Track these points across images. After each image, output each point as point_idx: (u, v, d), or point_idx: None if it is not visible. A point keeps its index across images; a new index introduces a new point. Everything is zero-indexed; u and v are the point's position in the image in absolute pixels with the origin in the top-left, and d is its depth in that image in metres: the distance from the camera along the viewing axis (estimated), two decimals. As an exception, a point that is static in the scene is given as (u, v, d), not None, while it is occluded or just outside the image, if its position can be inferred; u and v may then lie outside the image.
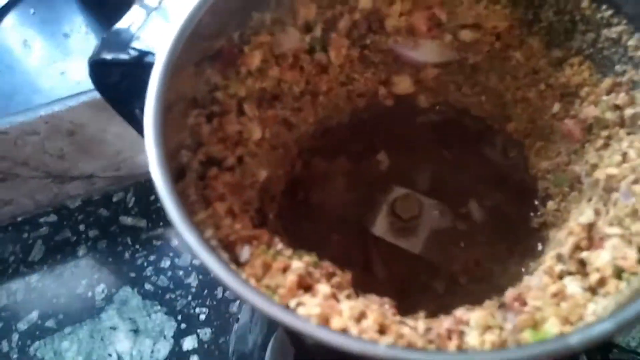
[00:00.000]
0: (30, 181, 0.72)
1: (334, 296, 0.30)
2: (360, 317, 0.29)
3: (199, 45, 0.34)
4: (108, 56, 0.37)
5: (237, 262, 0.30)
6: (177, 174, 0.31)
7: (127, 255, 0.70)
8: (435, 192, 0.43)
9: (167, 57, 0.31)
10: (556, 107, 0.39)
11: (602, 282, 0.30)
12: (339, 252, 0.41)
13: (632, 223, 0.31)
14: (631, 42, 0.34)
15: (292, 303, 0.29)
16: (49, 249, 0.73)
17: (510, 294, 0.33)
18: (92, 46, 0.35)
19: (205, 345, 0.63)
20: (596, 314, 0.28)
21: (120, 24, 0.39)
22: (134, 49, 0.36)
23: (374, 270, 0.42)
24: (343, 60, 0.41)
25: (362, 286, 0.37)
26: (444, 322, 0.30)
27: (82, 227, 0.74)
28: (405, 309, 0.35)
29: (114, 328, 0.66)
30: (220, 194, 0.34)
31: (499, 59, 0.41)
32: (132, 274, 0.69)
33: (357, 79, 0.42)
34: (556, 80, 0.39)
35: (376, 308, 0.30)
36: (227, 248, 0.31)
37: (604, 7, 0.35)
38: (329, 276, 0.33)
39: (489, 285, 0.39)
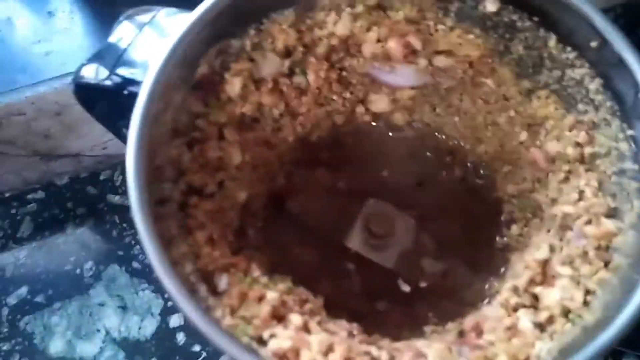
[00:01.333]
0: (17, 158, 0.73)
1: (305, 326, 0.33)
2: (327, 350, 0.31)
3: (180, 76, 0.35)
4: (92, 81, 0.38)
5: (215, 292, 0.32)
6: (158, 209, 0.33)
7: (114, 233, 0.72)
8: (407, 206, 0.45)
9: (148, 94, 0.32)
10: (523, 134, 0.41)
11: (550, 320, 0.33)
12: (315, 263, 0.44)
13: (582, 265, 0.33)
14: (592, 86, 0.36)
15: (266, 334, 0.31)
16: (37, 226, 0.74)
17: (469, 322, 0.35)
18: (77, 26, 0.35)
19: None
20: (540, 358, 0.30)
21: (110, 39, 0.39)
22: (118, 75, 0.37)
23: (349, 281, 0.44)
24: (322, 82, 0.42)
25: (336, 297, 0.40)
26: (405, 355, 0.32)
27: (70, 205, 0.75)
28: (375, 323, 0.38)
29: (102, 304, 0.67)
30: (200, 223, 0.36)
31: (472, 84, 0.42)
32: (120, 252, 0.71)
33: (335, 100, 0.43)
34: (525, 110, 0.40)
35: (344, 338, 0.33)
36: (206, 278, 0.33)
37: (569, 48, 0.37)
38: (302, 303, 0.35)
39: (454, 299, 0.42)
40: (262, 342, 0.31)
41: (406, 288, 0.43)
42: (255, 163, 0.41)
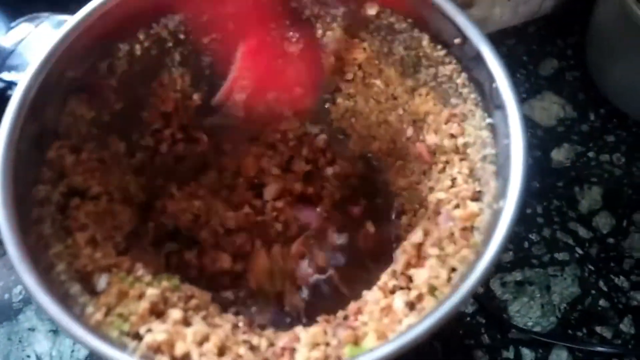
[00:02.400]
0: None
1: (185, 320, 0.34)
2: (202, 340, 0.33)
3: (59, 79, 0.36)
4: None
5: (93, 292, 0.34)
6: (35, 209, 0.34)
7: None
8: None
9: (23, 93, 0.34)
10: (410, 130, 0.43)
11: (419, 298, 0.34)
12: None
13: (448, 245, 0.35)
14: (459, 80, 0.38)
15: (142, 330, 0.32)
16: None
17: (352, 307, 0.37)
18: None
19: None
20: (399, 332, 0.32)
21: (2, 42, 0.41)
22: (1, 80, 0.39)
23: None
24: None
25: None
26: (280, 340, 0.34)
27: None
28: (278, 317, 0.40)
29: (32, 329, 0.65)
30: (81, 224, 0.37)
31: (363, 84, 0.45)
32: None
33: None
34: (409, 107, 0.43)
35: (226, 330, 0.34)
36: (83, 279, 0.34)
37: (439, 47, 0.39)
38: (187, 299, 0.37)
39: (354, 287, 0.43)
40: (138, 337, 0.32)
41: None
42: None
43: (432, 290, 0.34)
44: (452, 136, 0.39)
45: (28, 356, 0.63)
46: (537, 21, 0.67)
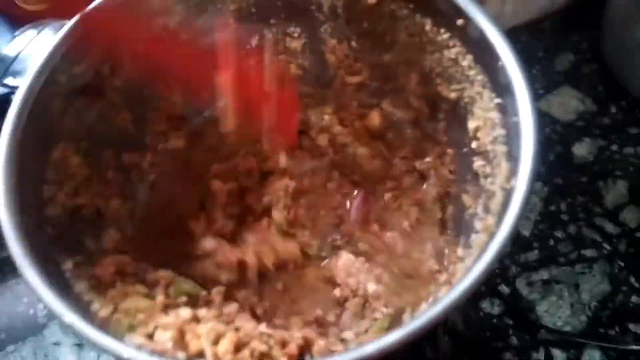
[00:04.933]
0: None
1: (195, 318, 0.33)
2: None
3: (63, 80, 0.36)
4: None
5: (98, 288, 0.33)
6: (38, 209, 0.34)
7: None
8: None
9: (24, 96, 0.34)
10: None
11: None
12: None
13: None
14: (465, 63, 0.37)
15: (151, 326, 0.32)
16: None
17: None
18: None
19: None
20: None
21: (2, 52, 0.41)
22: (6, 85, 0.39)
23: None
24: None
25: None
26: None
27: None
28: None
29: (57, 344, 0.66)
30: None
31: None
32: (77, 290, 0.71)
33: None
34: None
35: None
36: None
37: (442, 30, 0.38)
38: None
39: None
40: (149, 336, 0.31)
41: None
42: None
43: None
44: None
45: (54, 370, 0.63)
46: (550, 16, 0.65)
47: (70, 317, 0.28)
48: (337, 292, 0.39)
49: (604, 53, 0.61)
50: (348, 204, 0.43)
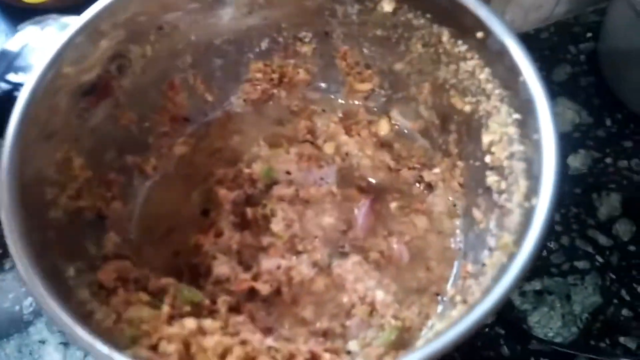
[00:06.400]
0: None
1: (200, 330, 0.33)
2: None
3: (68, 79, 0.35)
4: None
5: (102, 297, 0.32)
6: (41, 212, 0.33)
7: (54, 267, 0.71)
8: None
9: (29, 94, 0.32)
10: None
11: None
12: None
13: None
14: (482, 76, 0.37)
15: (155, 337, 0.31)
16: (-26, 264, 0.72)
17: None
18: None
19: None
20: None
21: (4, 47, 0.40)
22: (7, 81, 0.37)
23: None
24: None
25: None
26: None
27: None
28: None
29: (42, 342, 0.65)
30: None
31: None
32: (60, 286, 0.69)
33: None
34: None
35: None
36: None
37: (460, 42, 0.38)
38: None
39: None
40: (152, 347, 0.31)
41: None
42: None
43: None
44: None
45: (39, 368, 0.62)
46: (548, 27, 0.66)
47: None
48: (344, 298, 0.39)
49: (601, 65, 0.62)
50: (356, 211, 0.42)
